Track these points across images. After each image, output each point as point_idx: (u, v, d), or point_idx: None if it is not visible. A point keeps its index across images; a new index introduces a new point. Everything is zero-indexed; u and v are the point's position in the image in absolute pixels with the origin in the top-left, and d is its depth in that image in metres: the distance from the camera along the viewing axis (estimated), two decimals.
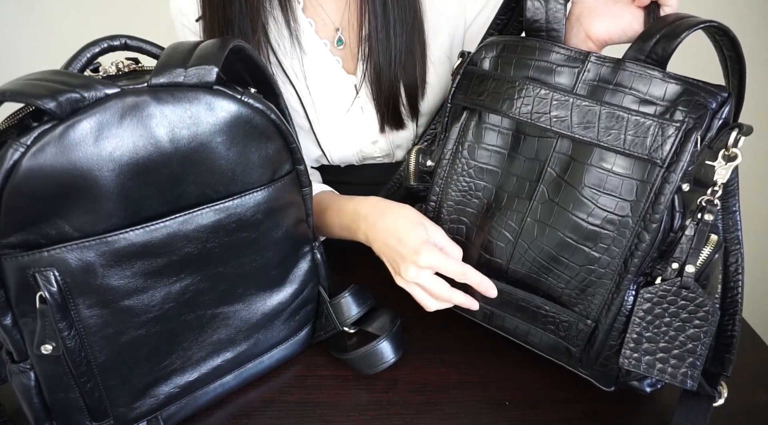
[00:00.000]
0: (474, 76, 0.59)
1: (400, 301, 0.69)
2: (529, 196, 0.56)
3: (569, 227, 0.53)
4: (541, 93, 0.53)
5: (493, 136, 0.58)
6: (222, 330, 0.56)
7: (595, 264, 0.53)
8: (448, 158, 0.60)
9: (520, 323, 0.59)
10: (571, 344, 0.56)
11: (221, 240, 0.52)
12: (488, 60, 0.58)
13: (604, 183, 0.51)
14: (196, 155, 0.49)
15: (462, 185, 0.60)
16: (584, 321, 0.54)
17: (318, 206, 0.71)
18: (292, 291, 0.60)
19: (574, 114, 0.52)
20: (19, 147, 0.41)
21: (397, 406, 0.57)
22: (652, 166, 0.49)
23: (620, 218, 0.51)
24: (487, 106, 0.57)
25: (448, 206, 0.61)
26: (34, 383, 0.48)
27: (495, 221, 0.58)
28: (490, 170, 0.58)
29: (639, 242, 0.50)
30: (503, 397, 0.58)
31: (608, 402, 0.57)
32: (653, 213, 0.49)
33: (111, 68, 0.50)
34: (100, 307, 0.47)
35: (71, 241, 0.44)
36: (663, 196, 0.49)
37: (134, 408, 0.52)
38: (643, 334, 0.51)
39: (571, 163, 0.53)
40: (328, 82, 0.75)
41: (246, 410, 0.58)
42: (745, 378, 0.59)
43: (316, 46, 0.74)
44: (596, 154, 0.51)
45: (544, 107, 0.53)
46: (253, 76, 0.57)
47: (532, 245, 0.56)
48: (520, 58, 0.56)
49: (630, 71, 0.51)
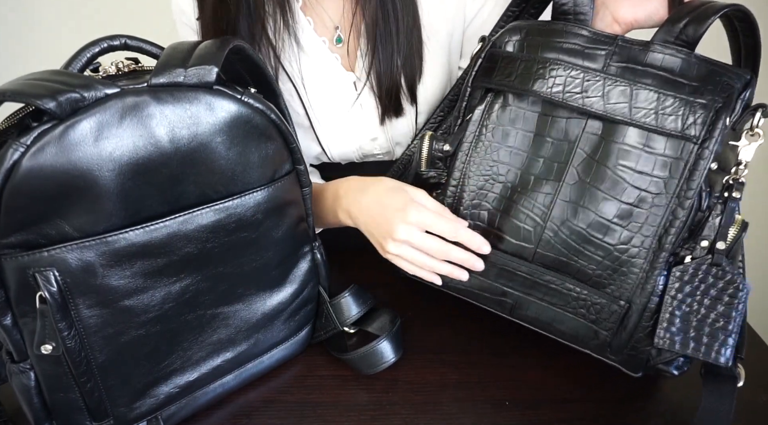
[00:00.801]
0: (499, 58, 0.58)
1: (400, 301, 0.69)
2: (558, 177, 0.55)
3: (602, 207, 0.53)
4: (572, 73, 0.54)
5: (520, 118, 0.57)
6: (222, 330, 0.56)
7: (628, 243, 0.53)
8: (470, 142, 0.59)
9: (547, 308, 0.58)
10: (602, 327, 0.55)
11: (221, 240, 0.52)
12: (513, 43, 0.57)
13: (637, 162, 0.52)
14: (196, 155, 0.49)
15: (485, 169, 0.59)
16: (617, 302, 0.54)
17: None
18: (292, 291, 0.60)
19: (606, 93, 0.52)
20: (19, 147, 0.41)
21: (397, 406, 0.57)
22: (685, 143, 0.50)
23: (654, 196, 0.51)
24: (516, 86, 0.56)
25: (470, 192, 0.60)
26: (34, 383, 0.48)
27: (521, 204, 0.57)
28: (515, 153, 0.57)
29: (673, 219, 0.51)
30: (503, 397, 0.58)
31: (609, 402, 0.57)
32: (687, 189, 0.50)
33: (111, 68, 0.50)
34: (100, 307, 0.47)
35: (71, 241, 0.44)
36: (697, 172, 0.50)
37: (134, 408, 0.52)
38: (676, 313, 0.51)
39: (602, 142, 0.53)
40: (327, 80, 0.76)
41: (246, 410, 0.58)
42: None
43: (315, 44, 0.74)
44: (628, 133, 0.52)
45: (576, 87, 0.54)
46: (252, 76, 0.57)
47: (563, 227, 0.55)
48: (548, 41, 0.55)
49: (660, 53, 0.52)
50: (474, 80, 0.60)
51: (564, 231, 0.55)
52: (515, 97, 0.57)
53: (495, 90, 0.58)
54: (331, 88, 0.76)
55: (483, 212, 0.60)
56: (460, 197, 0.60)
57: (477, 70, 0.59)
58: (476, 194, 0.59)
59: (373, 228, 0.62)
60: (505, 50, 0.58)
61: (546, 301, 0.58)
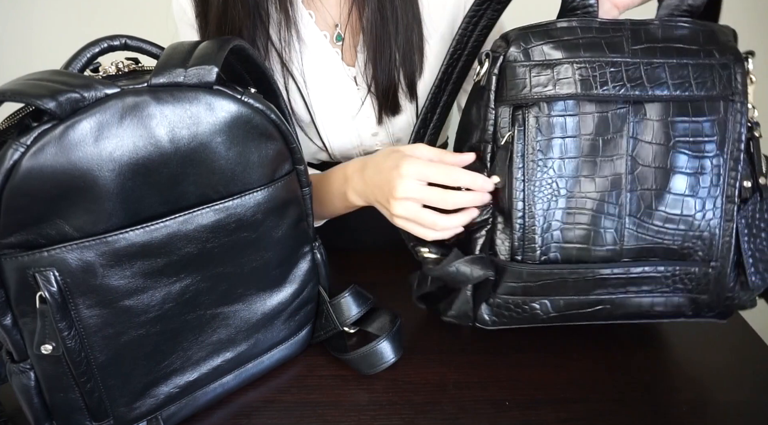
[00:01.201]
0: (517, 70, 0.54)
1: (400, 301, 0.69)
2: (618, 171, 0.55)
3: (671, 185, 0.55)
4: (599, 66, 0.54)
5: (562, 124, 0.54)
6: (222, 330, 0.56)
7: (703, 209, 0.55)
8: (520, 167, 0.55)
9: (645, 297, 0.58)
10: (701, 293, 0.57)
11: (221, 240, 0.52)
12: (524, 52, 0.54)
13: (688, 132, 0.54)
14: (196, 155, 0.49)
15: (545, 189, 0.55)
16: (708, 265, 0.56)
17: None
18: (292, 291, 0.60)
19: (641, 76, 0.54)
20: (19, 147, 0.41)
21: (397, 406, 0.57)
22: (723, 102, 0.54)
23: (712, 158, 0.54)
24: (555, 94, 0.54)
25: (539, 217, 0.55)
26: (34, 383, 0.48)
27: (592, 210, 0.55)
28: (568, 161, 0.55)
29: (733, 172, 0.55)
30: (503, 397, 0.58)
31: (609, 402, 0.57)
32: (738, 141, 0.54)
33: (111, 68, 0.50)
34: (100, 307, 0.47)
35: (71, 241, 0.44)
36: (740, 124, 0.54)
37: (134, 408, 0.52)
38: (757, 255, 0.55)
39: (650, 124, 0.54)
40: (328, 74, 0.76)
41: (246, 410, 0.58)
42: (746, 378, 0.59)
43: (317, 38, 0.74)
44: (671, 108, 0.54)
45: (608, 78, 0.54)
46: (252, 76, 0.57)
47: (642, 216, 0.55)
48: (563, 41, 0.54)
49: (671, 26, 0.55)
50: (497, 100, 0.56)
51: (644, 220, 0.56)
52: (547, 105, 0.54)
53: (523, 105, 0.55)
54: (332, 82, 0.76)
55: (556, 232, 0.56)
56: (531, 225, 0.56)
57: (495, 91, 0.56)
58: (543, 216, 0.55)
59: (378, 196, 0.60)
60: (520, 61, 0.54)
61: (643, 292, 0.57)
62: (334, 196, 0.69)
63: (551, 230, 0.56)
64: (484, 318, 0.60)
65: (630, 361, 0.62)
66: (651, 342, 0.65)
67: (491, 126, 0.56)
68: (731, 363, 0.61)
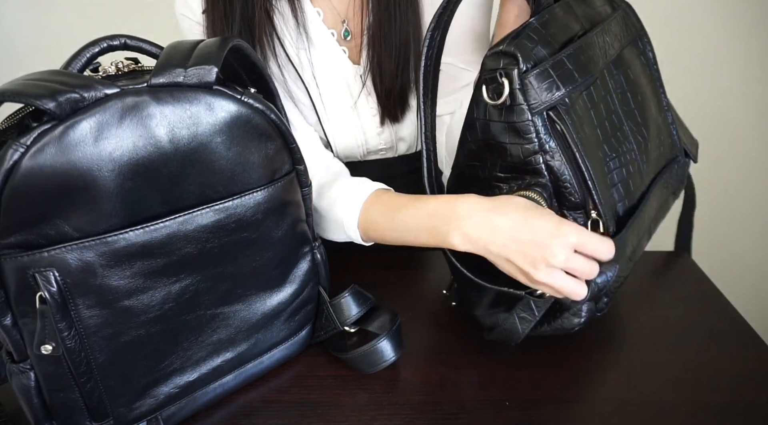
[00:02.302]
0: (534, 77, 0.53)
1: (400, 301, 0.69)
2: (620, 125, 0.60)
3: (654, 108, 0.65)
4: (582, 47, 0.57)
5: (585, 102, 0.57)
6: (222, 330, 0.56)
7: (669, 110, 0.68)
8: (582, 160, 0.55)
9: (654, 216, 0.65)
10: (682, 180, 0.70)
11: (221, 240, 0.52)
12: (529, 60, 0.53)
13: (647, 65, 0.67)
14: (195, 155, 0.49)
15: (597, 163, 0.57)
16: (680, 157, 0.69)
17: (385, 205, 0.66)
18: (292, 291, 0.60)
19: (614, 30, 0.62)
20: (19, 147, 0.41)
21: (397, 406, 0.57)
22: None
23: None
24: (586, 82, 0.56)
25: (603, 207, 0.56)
26: (34, 383, 0.48)
27: (624, 158, 0.60)
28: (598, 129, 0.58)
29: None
30: (503, 397, 0.58)
31: (609, 402, 0.57)
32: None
33: (111, 68, 0.50)
34: (100, 307, 0.47)
35: (71, 241, 0.44)
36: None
37: (134, 408, 0.52)
38: None
39: (625, 73, 0.62)
40: (335, 73, 0.76)
41: (246, 410, 0.58)
42: (746, 378, 0.59)
43: (324, 36, 0.74)
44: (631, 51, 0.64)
45: (607, 45, 0.60)
46: (251, 75, 0.57)
47: (651, 145, 0.63)
48: (547, 35, 0.55)
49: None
50: (531, 109, 0.54)
51: (652, 145, 0.63)
52: (568, 98, 0.55)
53: (552, 107, 0.54)
54: (338, 80, 0.76)
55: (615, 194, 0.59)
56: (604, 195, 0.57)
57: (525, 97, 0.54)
58: (605, 182, 0.57)
59: (517, 254, 0.54)
60: (531, 69, 0.53)
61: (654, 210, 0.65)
62: (420, 231, 0.60)
63: (613, 193, 0.59)
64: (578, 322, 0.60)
65: (629, 361, 0.62)
66: (651, 342, 0.65)
67: (535, 138, 0.55)
68: (731, 363, 0.61)
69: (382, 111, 0.77)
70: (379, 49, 0.72)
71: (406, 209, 0.62)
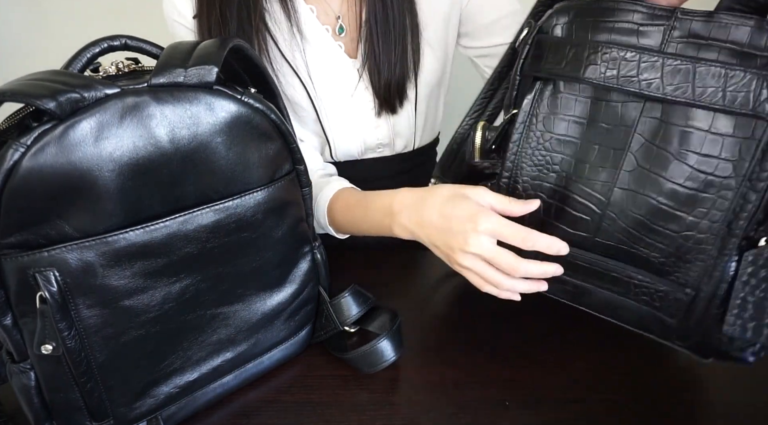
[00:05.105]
0: (547, 44, 0.54)
1: (400, 301, 0.69)
2: (615, 164, 0.53)
3: (664, 194, 0.51)
4: (627, 56, 0.50)
5: (571, 105, 0.54)
6: (222, 330, 0.56)
7: (693, 230, 0.50)
8: (520, 132, 0.56)
9: (610, 296, 0.56)
10: (667, 314, 0.53)
11: (221, 240, 0.52)
12: (561, 27, 0.54)
13: (702, 144, 0.49)
14: (196, 155, 0.49)
15: (537, 158, 0.56)
16: (682, 289, 0.52)
17: (343, 203, 0.71)
18: (292, 291, 0.60)
19: (665, 75, 0.49)
20: (19, 147, 0.41)
21: (397, 406, 0.57)
22: (757, 121, 0.46)
23: (722, 180, 0.48)
24: (567, 74, 0.53)
25: (524, 182, 0.57)
26: (34, 383, 0.48)
27: (576, 194, 0.55)
28: (568, 141, 0.55)
29: (744, 203, 0.48)
30: (503, 397, 0.58)
31: (609, 402, 0.57)
32: (761, 171, 0.47)
33: (111, 68, 0.50)
34: (100, 307, 0.47)
35: (71, 241, 0.44)
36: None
37: (134, 408, 0.52)
38: (748, 299, 0.48)
39: (662, 126, 0.50)
40: (331, 68, 0.76)
41: (246, 410, 0.58)
42: (746, 378, 0.59)
43: (318, 33, 0.74)
44: (692, 114, 0.49)
45: (631, 71, 0.50)
46: (251, 76, 0.57)
47: (621, 215, 0.53)
48: (598, 22, 0.52)
49: (725, 23, 0.47)
50: (523, 69, 0.56)
51: (623, 220, 0.53)
52: (566, 83, 0.54)
53: (544, 78, 0.55)
54: (335, 76, 0.76)
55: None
56: (514, 188, 0.58)
57: (525, 58, 0.56)
58: (530, 184, 0.57)
59: (438, 241, 0.59)
60: (553, 35, 0.54)
61: (607, 288, 0.56)
62: (372, 225, 0.67)
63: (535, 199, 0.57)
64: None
65: (630, 361, 0.62)
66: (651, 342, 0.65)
67: (515, 91, 0.56)
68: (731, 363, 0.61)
69: (379, 103, 0.77)
70: (377, 41, 0.72)
71: (356, 207, 0.69)
